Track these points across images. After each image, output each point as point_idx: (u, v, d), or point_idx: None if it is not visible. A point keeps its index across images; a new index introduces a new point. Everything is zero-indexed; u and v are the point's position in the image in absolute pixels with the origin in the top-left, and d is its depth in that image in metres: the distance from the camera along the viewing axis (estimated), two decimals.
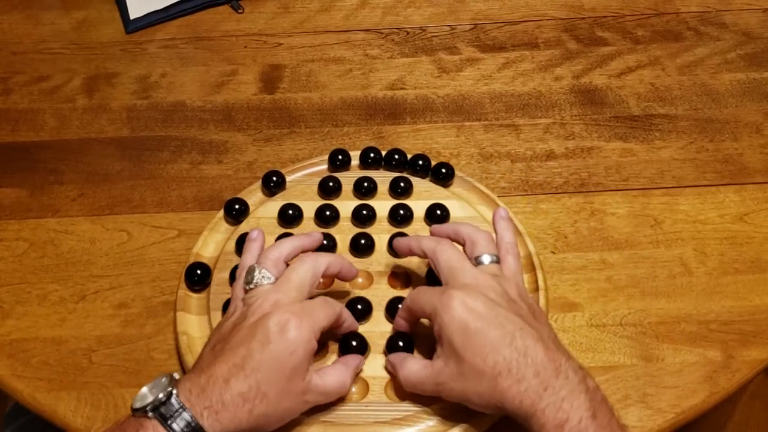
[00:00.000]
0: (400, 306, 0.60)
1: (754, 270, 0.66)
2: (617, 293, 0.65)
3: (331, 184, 0.70)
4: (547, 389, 0.49)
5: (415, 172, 0.72)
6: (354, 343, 0.58)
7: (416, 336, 0.59)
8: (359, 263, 0.65)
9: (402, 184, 0.69)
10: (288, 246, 0.59)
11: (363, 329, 0.60)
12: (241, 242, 0.65)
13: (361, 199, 0.70)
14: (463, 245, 0.60)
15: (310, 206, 0.68)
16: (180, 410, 0.48)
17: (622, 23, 0.89)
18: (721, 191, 0.72)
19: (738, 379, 0.60)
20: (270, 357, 0.51)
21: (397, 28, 0.90)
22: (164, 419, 0.48)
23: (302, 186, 0.71)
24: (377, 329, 0.60)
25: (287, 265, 0.58)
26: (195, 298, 0.63)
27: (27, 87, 0.86)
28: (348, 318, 0.58)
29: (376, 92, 0.83)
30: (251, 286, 0.56)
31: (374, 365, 0.59)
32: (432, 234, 0.63)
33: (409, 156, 0.72)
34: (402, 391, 0.56)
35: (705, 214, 0.70)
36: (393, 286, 0.64)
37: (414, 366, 0.54)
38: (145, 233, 0.71)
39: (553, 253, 0.68)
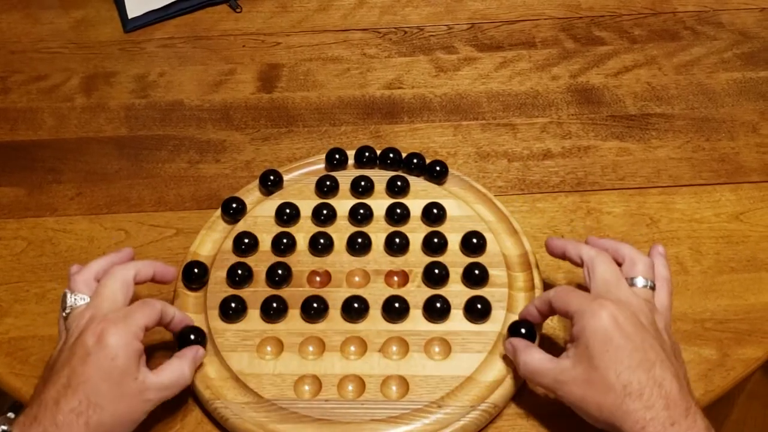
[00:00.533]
0: (397, 305, 0.61)
1: (750, 269, 0.66)
2: None
3: (328, 183, 0.70)
4: (674, 425, 0.48)
5: (410, 171, 0.72)
6: (192, 336, 0.58)
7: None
8: (356, 262, 0.65)
9: (399, 183, 0.70)
10: (96, 265, 0.58)
11: (359, 327, 0.61)
12: (238, 241, 0.65)
13: (358, 198, 0.70)
14: (620, 264, 0.58)
15: (307, 205, 0.68)
16: None
17: (619, 23, 0.89)
18: (717, 190, 0.72)
19: (733, 378, 0.60)
20: (93, 368, 0.51)
21: (395, 28, 0.90)
22: None
23: (299, 185, 0.71)
24: (373, 328, 0.61)
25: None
26: (192, 297, 0.64)
27: (25, 86, 0.86)
28: (176, 313, 0.58)
29: (374, 91, 0.83)
30: (67, 311, 0.56)
31: (370, 363, 0.59)
32: (588, 243, 0.60)
33: (404, 155, 0.73)
34: (404, 388, 0.57)
35: (701, 213, 0.70)
36: (389, 285, 0.64)
37: (538, 355, 0.54)
38: (143, 232, 0.71)
39: None
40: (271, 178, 0.71)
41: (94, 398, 0.50)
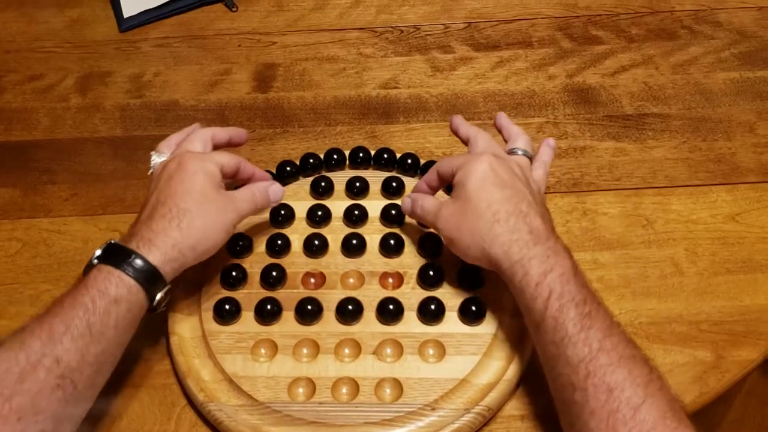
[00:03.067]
0: (391, 306, 0.60)
1: (746, 270, 0.66)
2: (608, 293, 0.65)
3: (323, 183, 0.70)
4: (537, 245, 0.54)
5: (404, 171, 0.72)
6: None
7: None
8: (351, 263, 0.65)
9: (394, 184, 0.69)
10: (179, 134, 0.65)
11: (354, 329, 0.61)
12: (233, 242, 0.65)
13: (353, 198, 0.70)
14: (506, 142, 0.65)
15: (302, 206, 0.68)
16: (118, 249, 0.54)
17: (617, 21, 0.89)
18: (713, 191, 0.72)
19: (728, 380, 0.60)
20: (177, 183, 0.57)
21: (391, 27, 0.90)
22: (106, 259, 0.54)
23: (295, 185, 0.71)
24: (368, 330, 0.60)
25: None
26: (186, 298, 0.63)
27: (20, 86, 0.86)
28: (255, 169, 0.64)
29: (370, 91, 0.83)
30: (152, 168, 0.63)
31: (364, 366, 0.59)
32: (494, 121, 0.67)
33: (398, 155, 0.72)
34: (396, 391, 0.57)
35: (697, 213, 0.70)
36: (384, 287, 0.64)
37: (429, 199, 0.62)
38: None
39: None
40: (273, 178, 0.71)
41: (182, 205, 0.56)
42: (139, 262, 0.53)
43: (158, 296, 0.55)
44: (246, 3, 0.93)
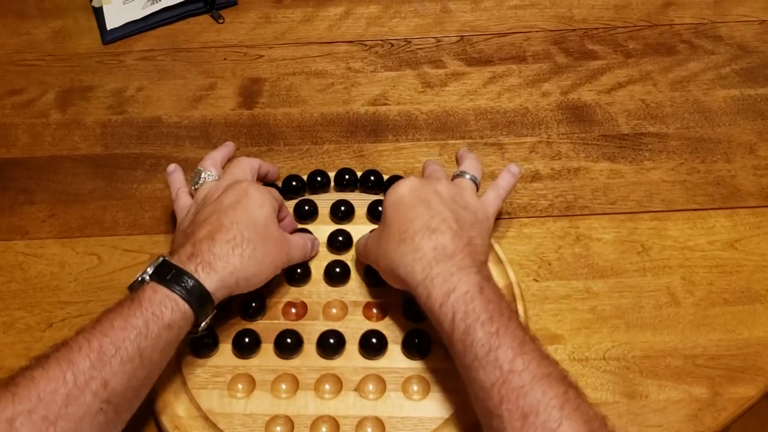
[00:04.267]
0: (374, 340, 0.58)
1: (744, 301, 0.63)
2: (601, 325, 0.63)
3: (306, 207, 0.68)
4: (440, 263, 0.52)
5: None
6: None
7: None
8: (334, 293, 0.63)
9: (380, 208, 0.67)
10: (218, 153, 0.66)
11: (335, 364, 0.58)
12: None
13: (337, 223, 0.67)
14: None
15: None
16: (175, 270, 0.52)
17: (614, 35, 0.86)
18: (711, 216, 0.69)
19: (724, 418, 0.57)
20: (243, 212, 0.56)
21: (381, 40, 0.87)
22: (160, 278, 0.51)
23: None
24: (350, 364, 0.58)
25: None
26: None
27: (0, 101, 0.83)
28: (288, 214, 0.65)
29: (358, 108, 0.80)
30: (199, 184, 0.62)
31: (345, 403, 0.56)
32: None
33: (385, 177, 0.70)
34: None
35: (694, 240, 0.68)
36: (368, 318, 0.61)
37: (363, 239, 0.62)
38: (116, 257, 0.69)
39: (536, 281, 0.65)
40: None
41: (247, 234, 0.55)
42: (195, 285, 0.52)
43: (205, 322, 0.54)
44: (233, 14, 0.91)
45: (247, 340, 0.59)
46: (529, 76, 0.82)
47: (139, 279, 0.53)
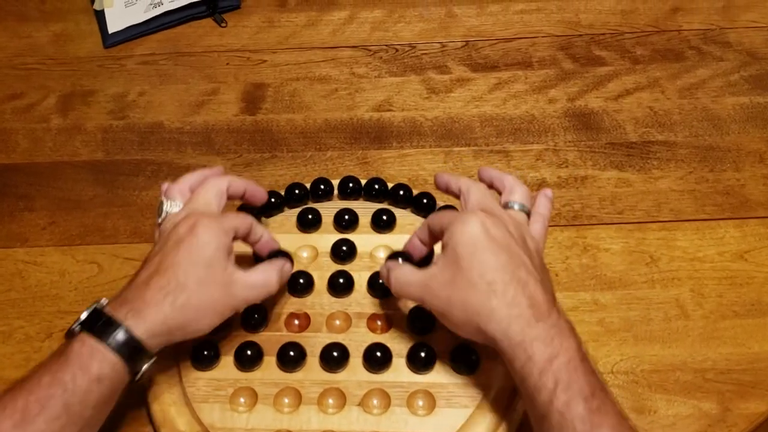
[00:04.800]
0: (379, 353, 0.57)
1: (755, 313, 0.63)
2: (609, 338, 0.62)
3: (309, 216, 0.67)
4: (539, 322, 0.48)
5: (396, 203, 0.68)
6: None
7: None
8: (337, 304, 0.62)
9: (384, 218, 0.66)
10: (190, 177, 0.60)
11: (339, 378, 0.57)
12: None
13: (341, 232, 0.66)
14: (500, 193, 0.58)
15: (287, 240, 0.64)
16: (105, 318, 0.50)
17: (621, 41, 0.85)
18: (721, 226, 0.68)
19: None
20: (184, 252, 0.52)
21: (386, 45, 0.86)
22: (90, 329, 0.50)
23: (281, 217, 0.68)
24: (354, 378, 0.57)
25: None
26: None
27: (0, 105, 0.82)
28: (264, 233, 0.59)
29: (362, 114, 0.79)
30: (162, 216, 0.57)
31: (349, 418, 0.55)
32: (478, 175, 0.61)
33: (389, 185, 0.69)
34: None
35: (703, 251, 0.67)
36: (373, 330, 0.60)
37: (407, 269, 0.55)
38: (117, 266, 0.68)
39: None
40: (251, 209, 0.67)
41: (182, 279, 0.52)
42: (123, 336, 0.50)
43: (143, 369, 0.52)
44: (236, 18, 0.90)
45: (249, 352, 0.58)
46: (535, 83, 0.81)
47: (72, 328, 0.51)
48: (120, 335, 0.50)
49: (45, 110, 0.82)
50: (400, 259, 0.58)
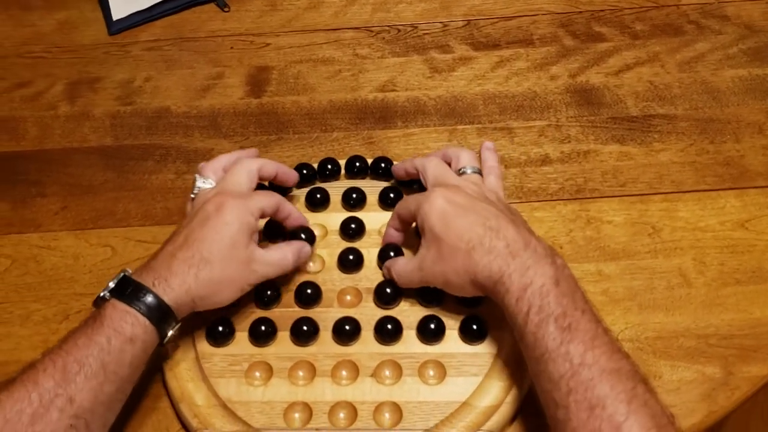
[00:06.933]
0: (390, 326, 0.59)
1: (756, 280, 0.64)
2: (614, 307, 0.63)
3: (318, 195, 0.68)
4: (515, 258, 0.52)
5: (401, 181, 0.69)
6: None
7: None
8: (348, 280, 0.63)
9: (392, 195, 0.67)
10: (225, 158, 0.64)
11: (351, 350, 0.59)
12: None
13: (349, 210, 0.68)
14: (450, 164, 0.64)
15: None
16: (134, 285, 0.53)
17: (620, 17, 0.86)
18: (721, 196, 0.70)
19: (737, 397, 0.58)
20: (209, 230, 0.56)
21: (388, 26, 0.87)
22: (120, 295, 0.53)
23: (289, 197, 0.69)
24: (366, 351, 0.59)
25: None
26: None
27: (8, 93, 0.83)
28: (293, 211, 0.63)
29: (366, 94, 0.80)
30: (195, 192, 0.62)
31: (362, 389, 0.57)
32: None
33: (395, 164, 0.70)
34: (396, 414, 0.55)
35: (705, 221, 0.68)
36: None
37: (402, 261, 0.61)
38: (129, 248, 0.69)
39: None
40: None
41: (206, 254, 0.55)
42: (153, 300, 0.53)
43: (170, 333, 0.54)
44: (238, 2, 0.91)
45: (263, 328, 0.59)
46: (536, 60, 0.82)
47: (101, 295, 0.54)
48: (149, 299, 0.53)
49: (53, 98, 0.83)
50: (392, 253, 0.62)
